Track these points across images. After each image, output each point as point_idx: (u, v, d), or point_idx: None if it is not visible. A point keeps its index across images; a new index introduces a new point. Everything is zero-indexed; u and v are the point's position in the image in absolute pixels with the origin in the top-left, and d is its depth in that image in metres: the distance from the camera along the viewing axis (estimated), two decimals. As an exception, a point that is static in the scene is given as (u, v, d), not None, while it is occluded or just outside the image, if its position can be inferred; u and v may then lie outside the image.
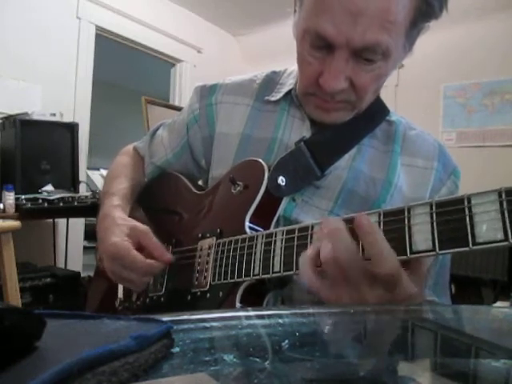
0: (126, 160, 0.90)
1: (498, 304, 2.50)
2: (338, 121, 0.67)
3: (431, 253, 0.41)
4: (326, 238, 0.45)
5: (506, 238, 0.37)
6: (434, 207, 0.42)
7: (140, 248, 0.64)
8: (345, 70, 0.59)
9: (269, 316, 0.44)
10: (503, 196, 0.38)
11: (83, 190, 2.64)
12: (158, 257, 0.64)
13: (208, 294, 0.61)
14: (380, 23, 0.54)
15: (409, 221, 0.43)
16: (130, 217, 0.72)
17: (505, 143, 3.01)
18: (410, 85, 3.25)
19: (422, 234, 0.42)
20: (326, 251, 0.44)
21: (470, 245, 0.39)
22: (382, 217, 0.46)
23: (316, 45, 0.59)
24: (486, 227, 0.38)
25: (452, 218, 0.40)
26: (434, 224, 0.41)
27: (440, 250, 0.41)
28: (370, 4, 0.53)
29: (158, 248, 0.65)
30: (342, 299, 0.45)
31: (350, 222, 0.46)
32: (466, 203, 0.40)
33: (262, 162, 0.65)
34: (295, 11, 0.64)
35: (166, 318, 0.30)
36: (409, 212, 0.44)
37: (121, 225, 0.67)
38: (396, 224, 0.44)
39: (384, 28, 0.55)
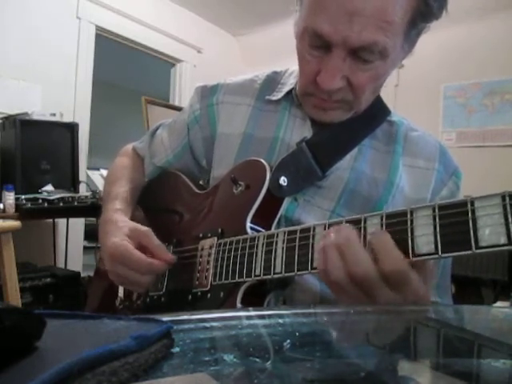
0: (125, 161, 0.90)
1: (498, 304, 2.49)
2: (335, 119, 0.67)
3: (434, 256, 0.41)
4: (336, 251, 0.45)
5: (510, 242, 0.36)
6: (436, 210, 0.41)
7: (141, 248, 0.64)
8: (342, 69, 0.59)
9: (269, 316, 0.44)
10: (507, 200, 0.37)
11: (83, 190, 2.65)
12: (159, 257, 0.63)
13: (209, 295, 0.61)
14: (376, 23, 0.54)
15: (411, 223, 0.43)
16: (131, 217, 0.72)
17: (505, 143, 3.01)
18: (410, 85, 3.25)
19: (424, 236, 0.42)
20: (337, 268, 0.44)
21: (473, 248, 0.38)
22: (384, 219, 0.45)
23: (314, 44, 0.59)
24: (490, 231, 0.38)
25: (455, 221, 0.40)
26: (437, 227, 0.41)
27: (443, 253, 0.40)
28: (367, 4, 0.54)
29: (159, 248, 0.64)
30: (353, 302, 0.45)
31: (354, 223, 0.46)
32: (469, 206, 0.39)
33: (264, 162, 0.65)
34: (296, 10, 0.64)
35: (166, 318, 0.30)
36: (411, 214, 0.43)
37: (121, 227, 0.67)
38: (398, 226, 0.44)
39: (381, 28, 0.55)
